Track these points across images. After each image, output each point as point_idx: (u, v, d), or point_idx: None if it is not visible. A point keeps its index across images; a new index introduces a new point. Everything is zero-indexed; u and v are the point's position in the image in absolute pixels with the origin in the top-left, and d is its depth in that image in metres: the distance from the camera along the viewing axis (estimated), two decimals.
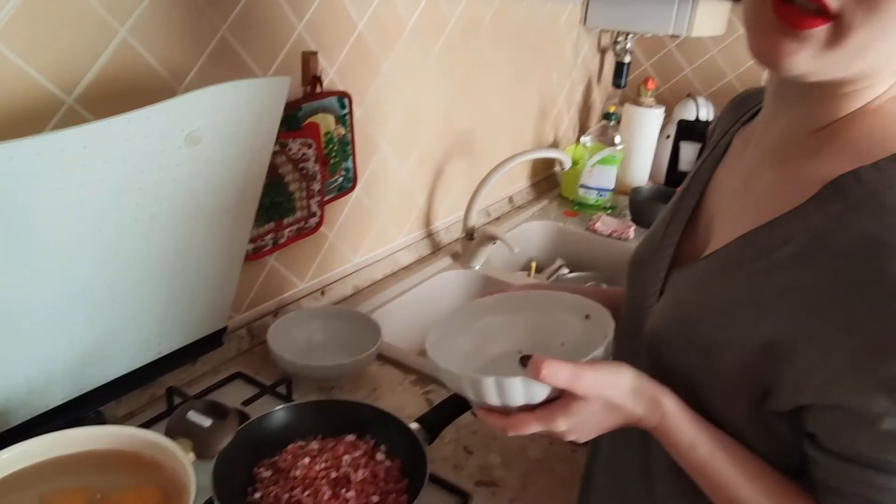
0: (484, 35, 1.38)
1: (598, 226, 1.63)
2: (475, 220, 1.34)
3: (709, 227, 0.64)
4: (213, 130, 0.66)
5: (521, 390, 0.52)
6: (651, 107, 1.85)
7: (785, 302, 0.48)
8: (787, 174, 0.54)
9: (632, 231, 1.60)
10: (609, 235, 1.60)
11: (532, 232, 1.65)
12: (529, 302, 0.70)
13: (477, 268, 1.34)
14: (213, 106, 0.65)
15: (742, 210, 0.58)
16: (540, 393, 0.53)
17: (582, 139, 1.82)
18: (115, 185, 0.62)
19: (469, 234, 1.33)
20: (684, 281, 0.61)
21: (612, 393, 0.52)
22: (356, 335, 1.00)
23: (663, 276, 0.64)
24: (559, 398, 0.53)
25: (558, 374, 0.50)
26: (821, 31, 0.44)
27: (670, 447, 0.54)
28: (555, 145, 1.89)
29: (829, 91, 0.50)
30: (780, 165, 0.55)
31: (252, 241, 0.96)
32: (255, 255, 0.98)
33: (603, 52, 2.02)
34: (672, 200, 0.72)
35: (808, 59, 0.46)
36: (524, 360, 0.51)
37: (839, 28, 0.44)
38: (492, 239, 1.28)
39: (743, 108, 0.70)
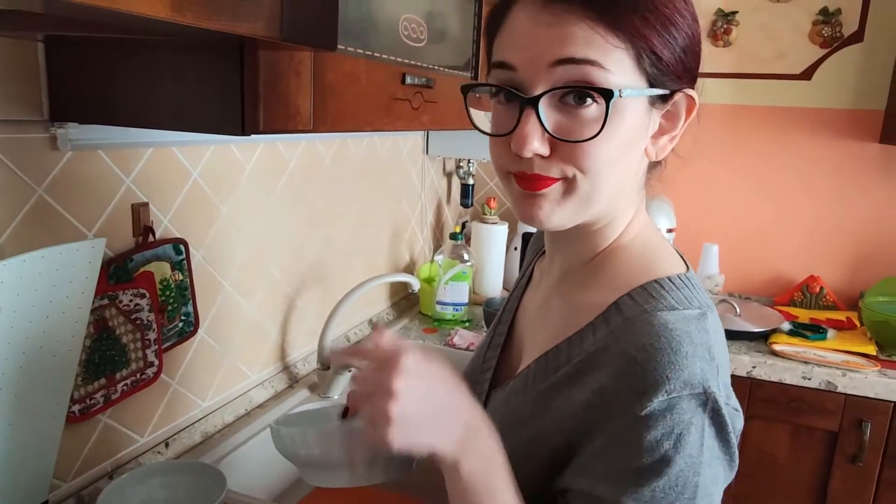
0: (327, 171, 1.46)
1: (456, 340, 1.69)
2: (331, 348, 1.35)
3: (520, 349, 0.70)
4: (14, 299, 0.65)
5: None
6: (495, 223, 2.00)
7: (561, 413, 0.54)
8: (569, 302, 0.63)
9: None
10: (467, 348, 1.66)
11: None
12: None
13: (335, 398, 1.33)
14: (12, 276, 0.64)
15: (541, 334, 0.65)
16: None
17: (435, 258, 1.92)
18: None
19: (324, 365, 1.33)
20: (497, 401, 0.66)
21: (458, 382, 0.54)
22: (200, 489, 0.95)
23: (485, 397, 0.69)
24: None
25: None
26: (554, 188, 0.56)
27: (488, 475, 0.53)
28: (411, 265, 1.97)
29: (583, 231, 0.61)
30: (565, 295, 0.64)
31: (78, 401, 0.91)
32: (83, 415, 0.92)
33: (449, 175, 2.18)
34: (492, 324, 0.79)
35: (553, 211, 0.57)
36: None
37: (566, 182, 0.56)
38: (346, 367, 1.29)
39: (540, 242, 0.79)
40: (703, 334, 0.53)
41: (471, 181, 2.13)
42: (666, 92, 0.55)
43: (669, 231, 2.00)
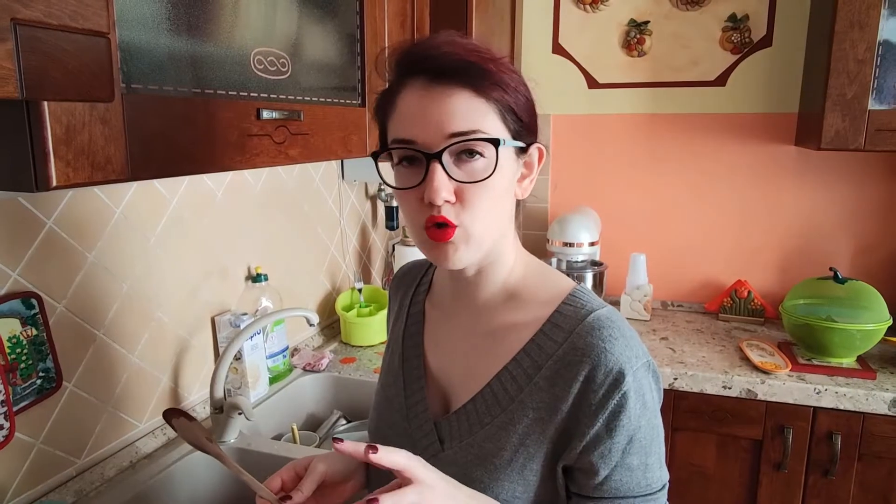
0: (219, 206, 1.42)
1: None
2: (224, 389, 1.30)
3: (447, 378, 0.77)
4: None
5: None
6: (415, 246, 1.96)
7: (545, 406, 0.68)
8: (501, 325, 0.73)
9: None
10: None
11: (306, 385, 1.63)
12: None
13: (231, 441, 1.29)
14: None
15: (477, 358, 0.74)
16: None
17: (355, 284, 1.89)
18: None
19: (217, 408, 1.29)
20: (456, 426, 0.73)
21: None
22: None
23: (432, 427, 0.75)
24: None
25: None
26: (457, 235, 0.67)
27: None
28: (335, 293, 1.93)
29: (485, 264, 0.73)
30: (491, 321, 0.74)
31: None
32: None
33: (373, 199, 2.15)
34: (389, 367, 0.84)
35: (461, 256, 0.68)
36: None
37: (463, 229, 0.67)
38: (237, 409, 1.24)
39: (411, 281, 0.88)
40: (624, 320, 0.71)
41: (394, 203, 2.10)
42: (524, 144, 0.71)
43: (592, 245, 1.99)
